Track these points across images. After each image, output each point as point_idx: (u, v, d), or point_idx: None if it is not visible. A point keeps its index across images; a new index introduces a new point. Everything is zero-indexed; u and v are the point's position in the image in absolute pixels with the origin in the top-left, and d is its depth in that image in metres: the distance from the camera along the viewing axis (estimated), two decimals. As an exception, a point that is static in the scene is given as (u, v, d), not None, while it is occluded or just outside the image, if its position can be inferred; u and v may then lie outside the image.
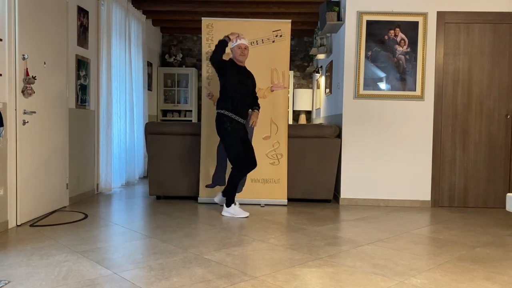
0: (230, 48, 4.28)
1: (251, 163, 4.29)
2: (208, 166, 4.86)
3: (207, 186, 4.87)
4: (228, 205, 4.25)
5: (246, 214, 4.21)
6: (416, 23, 4.86)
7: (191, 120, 8.59)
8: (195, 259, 2.86)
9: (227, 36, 4.12)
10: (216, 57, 4.09)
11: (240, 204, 4.71)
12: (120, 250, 3.05)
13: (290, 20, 4.88)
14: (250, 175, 4.79)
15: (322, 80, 7.09)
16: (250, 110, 4.39)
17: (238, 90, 4.15)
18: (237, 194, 4.78)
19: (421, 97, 4.89)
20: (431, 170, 4.92)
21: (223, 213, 4.27)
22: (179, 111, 8.70)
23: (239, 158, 4.18)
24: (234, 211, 4.22)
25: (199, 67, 8.87)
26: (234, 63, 4.21)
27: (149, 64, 7.83)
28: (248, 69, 4.39)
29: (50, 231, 3.53)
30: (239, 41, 4.19)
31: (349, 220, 4.18)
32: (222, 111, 4.15)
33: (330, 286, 2.43)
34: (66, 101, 4.47)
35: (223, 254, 2.98)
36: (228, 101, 4.13)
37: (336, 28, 5.42)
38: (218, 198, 4.48)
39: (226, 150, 4.21)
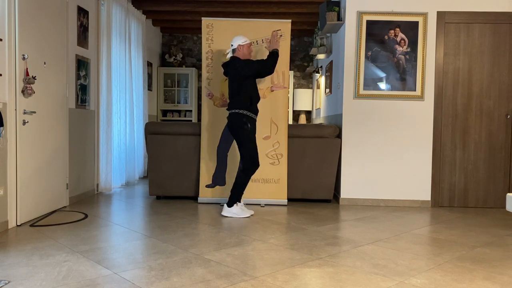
0: (240, 45, 4.21)
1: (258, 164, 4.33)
2: (208, 166, 4.86)
3: (207, 186, 4.87)
4: (230, 205, 4.20)
5: (248, 214, 4.20)
6: (416, 23, 4.86)
7: (191, 120, 8.59)
8: (195, 259, 2.86)
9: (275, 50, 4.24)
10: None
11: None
12: (120, 250, 3.05)
13: (290, 20, 4.88)
14: (250, 175, 4.79)
15: (322, 80, 7.09)
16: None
17: (255, 89, 4.22)
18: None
19: (421, 97, 4.89)
20: (431, 170, 4.92)
21: (224, 213, 4.21)
22: (179, 111, 8.70)
23: (253, 159, 4.17)
24: (236, 211, 4.18)
25: (199, 67, 8.87)
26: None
27: (149, 64, 7.83)
28: None
29: (50, 231, 3.53)
30: (248, 41, 4.28)
31: (349, 220, 4.17)
32: (241, 111, 4.12)
33: (330, 286, 2.43)
34: (66, 101, 4.47)
35: (223, 254, 2.98)
36: (248, 100, 4.14)
37: (336, 28, 5.42)
38: (228, 211, 4.29)
39: (242, 149, 4.18)
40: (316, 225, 3.91)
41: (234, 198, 4.20)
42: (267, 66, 4.15)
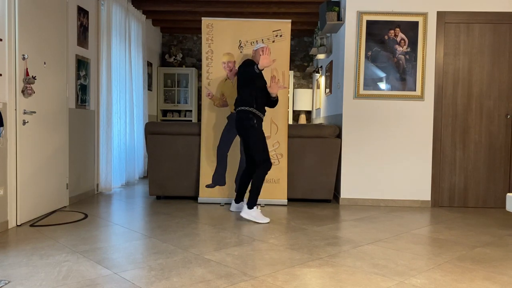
0: (254, 50, 4.27)
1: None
2: (208, 166, 4.86)
3: (207, 186, 4.87)
4: (250, 207, 4.03)
5: (267, 219, 4.01)
6: (416, 23, 4.86)
7: (191, 120, 8.59)
8: (195, 259, 2.86)
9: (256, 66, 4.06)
10: (248, 78, 4.10)
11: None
12: (120, 250, 3.05)
13: (290, 20, 4.88)
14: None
15: (322, 80, 7.09)
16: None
17: (260, 90, 4.20)
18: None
19: (421, 97, 4.89)
20: (431, 170, 4.92)
21: (243, 214, 4.03)
22: (179, 111, 8.70)
23: (265, 155, 4.09)
24: (255, 215, 4.01)
25: (199, 67, 8.87)
26: (256, 65, 4.13)
27: (149, 64, 7.83)
28: None
29: (50, 231, 3.52)
30: (263, 44, 4.27)
31: (349, 220, 4.18)
32: (246, 108, 4.11)
33: (330, 286, 2.43)
34: (66, 101, 4.47)
35: (223, 254, 2.98)
36: (253, 100, 4.12)
37: (336, 28, 5.42)
38: (233, 206, 4.44)
39: (251, 146, 4.10)
40: (316, 225, 3.91)
41: (253, 199, 4.06)
42: (243, 78, 4.13)
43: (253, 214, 4.01)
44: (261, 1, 6.61)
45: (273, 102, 4.33)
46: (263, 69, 4.09)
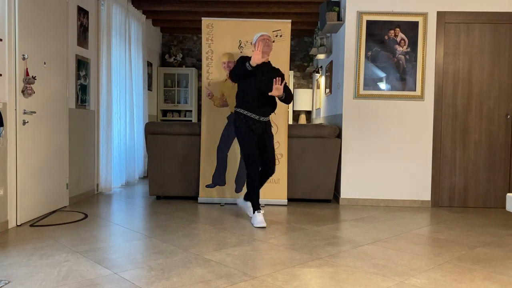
0: (252, 43, 4.17)
1: (270, 170, 4.09)
2: (208, 166, 4.86)
3: (207, 186, 4.87)
4: (253, 211, 3.92)
5: (263, 225, 3.80)
6: (416, 23, 4.86)
7: (191, 120, 8.59)
8: (195, 259, 2.86)
9: (249, 63, 3.81)
10: (238, 73, 3.89)
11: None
12: (120, 250, 3.05)
13: (290, 20, 4.88)
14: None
15: (322, 80, 7.09)
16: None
17: (255, 88, 3.93)
18: (238, 193, 4.79)
19: (421, 97, 4.89)
20: (431, 170, 4.92)
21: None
22: (179, 111, 8.70)
23: (248, 157, 3.90)
24: (252, 217, 3.91)
25: (199, 67, 8.87)
26: (249, 61, 3.82)
27: (149, 64, 7.83)
28: None
29: (50, 231, 3.53)
30: (261, 32, 4.04)
31: (349, 220, 4.18)
32: (237, 109, 4.00)
33: (330, 286, 2.43)
34: (66, 101, 4.47)
35: (223, 254, 2.98)
36: (244, 99, 3.94)
37: (336, 28, 5.42)
38: (240, 200, 4.37)
39: (240, 148, 4.04)
40: (316, 225, 3.91)
41: (251, 202, 3.94)
42: (233, 71, 3.94)
43: (251, 216, 3.97)
44: (261, 1, 6.61)
45: (284, 99, 4.05)
46: (255, 66, 3.81)
